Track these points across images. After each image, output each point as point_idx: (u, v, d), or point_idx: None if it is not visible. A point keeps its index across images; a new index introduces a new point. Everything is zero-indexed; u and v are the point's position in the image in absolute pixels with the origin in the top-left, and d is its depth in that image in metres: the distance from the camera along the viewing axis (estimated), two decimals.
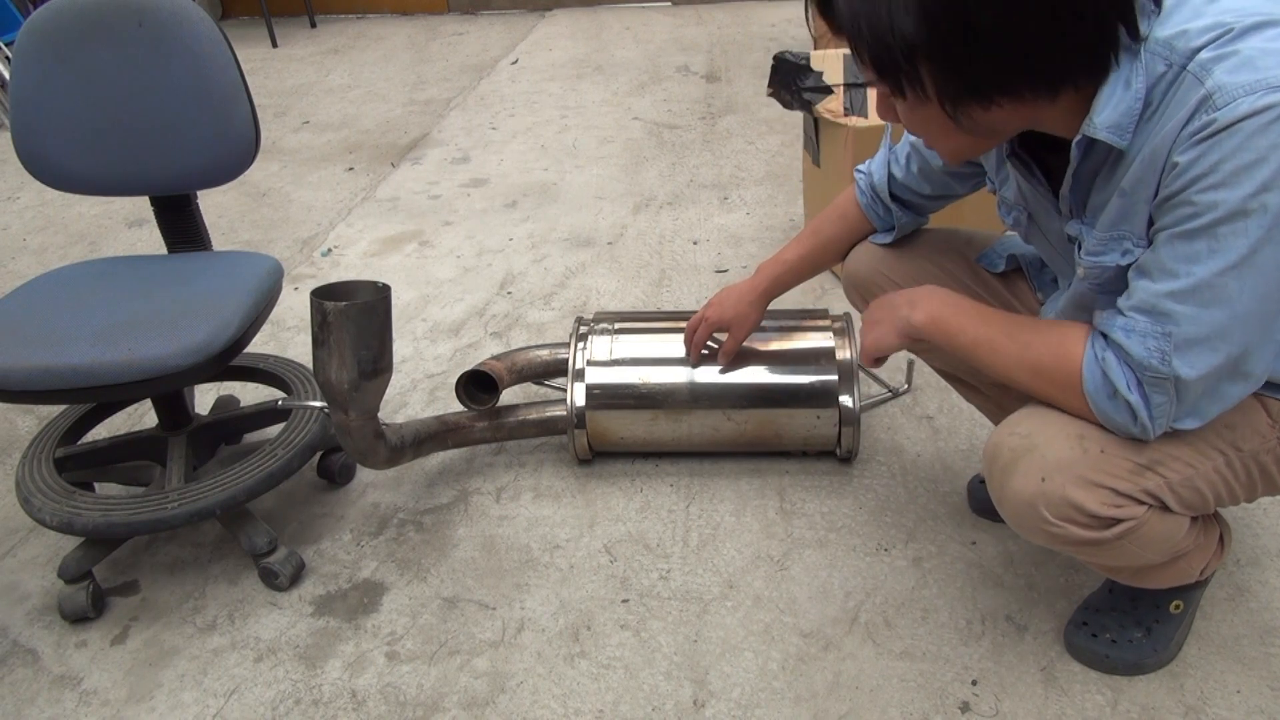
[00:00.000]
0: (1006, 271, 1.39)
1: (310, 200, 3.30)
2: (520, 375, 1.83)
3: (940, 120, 0.95)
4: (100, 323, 1.46)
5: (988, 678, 1.34)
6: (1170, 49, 0.89)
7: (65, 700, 1.43)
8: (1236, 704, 1.27)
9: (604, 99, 4.13)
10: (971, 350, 1.11)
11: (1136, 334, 0.95)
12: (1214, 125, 0.85)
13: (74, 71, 1.61)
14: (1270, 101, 0.83)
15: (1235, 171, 0.85)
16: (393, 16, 6.22)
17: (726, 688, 1.36)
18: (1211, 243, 0.88)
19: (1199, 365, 0.93)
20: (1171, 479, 1.04)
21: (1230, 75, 0.85)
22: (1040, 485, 1.04)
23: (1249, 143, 0.84)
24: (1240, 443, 1.06)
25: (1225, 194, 0.86)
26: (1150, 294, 0.93)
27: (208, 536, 1.74)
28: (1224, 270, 0.89)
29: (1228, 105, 0.84)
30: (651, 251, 2.70)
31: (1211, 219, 0.87)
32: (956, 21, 0.85)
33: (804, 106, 2.29)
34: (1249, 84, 0.84)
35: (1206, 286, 0.90)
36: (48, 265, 2.85)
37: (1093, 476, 1.02)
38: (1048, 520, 1.05)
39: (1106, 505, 1.02)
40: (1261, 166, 0.84)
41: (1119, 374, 0.97)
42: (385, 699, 1.39)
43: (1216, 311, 0.90)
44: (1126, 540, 1.06)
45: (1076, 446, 1.03)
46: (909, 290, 1.20)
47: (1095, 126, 0.93)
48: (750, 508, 1.69)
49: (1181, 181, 0.88)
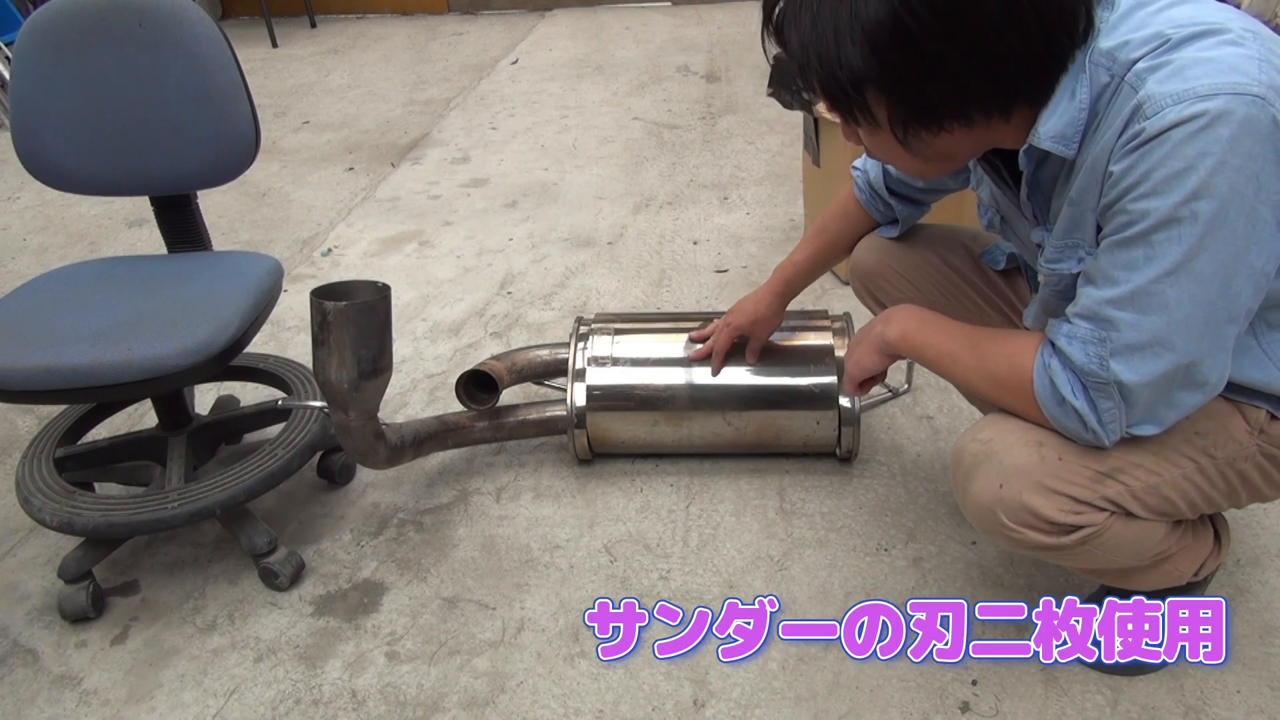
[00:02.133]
0: (1008, 268, 1.40)
1: (310, 200, 3.30)
2: (520, 375, 1.83)
3: (895, 146, 0.96)
4: (100, 323, 1.46)
5: (988, 678, 1.34)
6: (1113, 60, 0.90)
7: (65, 700, 1.43)
8: (1236, 704, 1.27)
9: (604, 99, 4.13)
10: (938, 363, 1.14)
11: (1078, 340, 0.96)
12: (1144, 134, 0.86)
13: (74, 71, 1.61)
14: (1197, 110, 0.83)
15: (1165, 179, 0.86)
16: (393, 16, 6.22)
17: (726, 688, 1.36)
18: (1147, 250, 0.89)
19: (1140, 371, 0.93)
20: (1133, 486, 1.04)
21: (1160, 85, 0.86)
22: (998, 491, 1.04)
23: (1177, 151, 0.84)
24: (1213, 450, 1.05)
25: (1157, 202, 0.87)
26: (1093, 300, 0.94)
27: (208, 536, 1.74)
28: (1160, 277, 0.89)
29: (1157, 114, 0.85)
30: (651, 251, 2.70)
31: (1146, 226, 0.88)
32: (903, 51, 0.85)
33: (804, 106, 2.29)
34: (1178, 93, 0.84)
35: (1144, 293, 0.90)
36: (48, 265, 2.85)
37: (1050, 483, 1.02)
38: (1006, 525, 1.05)
39: (1064, 512, 1.03)
40: (1190, 175, 0.84)
41: (1064, 380, 0.98)
42: (385, 699, 1.39)
43: (1155, 318, 0.91)
44: (1090, 546, 1.06)
45: (1035, 453, 1.03)
46: (887, 310, 1.24)
47: (1040, 136, 0.95)
48: (750, 508, 1.69)
49: (1117, 191, 0.90)
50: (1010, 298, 1.40)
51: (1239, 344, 0.99)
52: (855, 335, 1.32)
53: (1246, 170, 0.84)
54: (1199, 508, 1.10)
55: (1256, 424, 1.06)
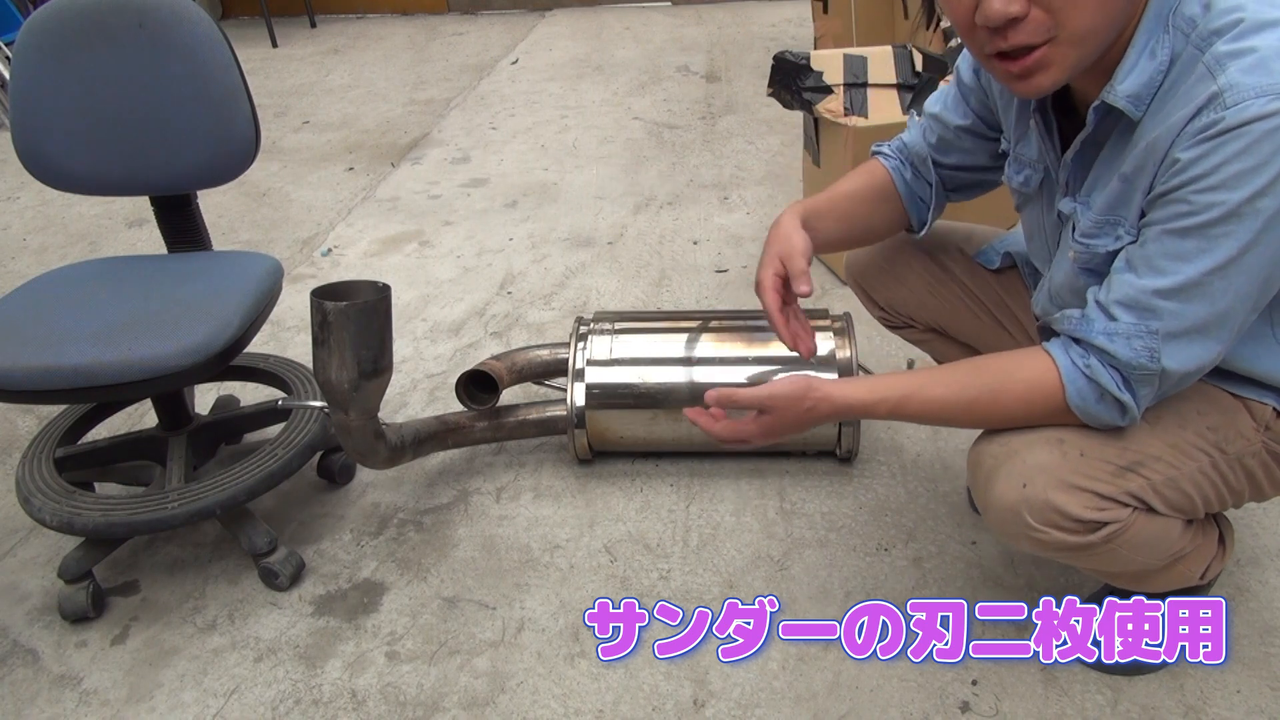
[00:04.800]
0: (1002, 269, 1.40)
1: (310, 200, 3.30)
2: (520, 375, 1.83)
3: None
4: (100, 323, 1.46)
5: (988, 678, 1.34)
6: (1193, 26, 0.89)
7: (65, 700, 1.43)
8: (1236, 704, 1.27)
9: (604, 99, 4.13)
10: (931, 421, 1.11)
11: (1121, 336, 0.95)
12: (1221, 124, 0.85)
13: (74, 71, 1.61)
14: (1278, 107, 0.82)
15: (1238, 175, 0.85)
16: (393, 16, 6.22)
17: (726, 688, 1.36)
18: (1203, 243, 0.89)
19: (1183, 359, 0.95)
20: (1154, 480, 1.04)
21: (1245, 75, 0.84)
22: (1022, 491, 1.04)
23: (1254, 147, 0.84)
24: (1225, 445, 1.06)
25: (1224, 195, 0.86)
26: (1136, 289, 0.94)
27: (208, 536, 1.74)
28: (1212, 270, 0.89)
29: (1237, 105, 0.84)
30: (651, 251, 2.70)
31: (1206, 219, 0.88)
32: None
33: (804, 106, 2.29)
34: (1261, 86, 0.83)
35: (1194, 285, 0.90)
36: (48, 265, 2.85)
37: (1074, 480, 1.02)
38: (1031, 526, 1.04)
39: (1089, 509, 1.02)
40: (1263, 171, 0.84)
41: (1108, 378, 0.98)
42: (385, 699, 1.39)
43: (1198, 307, 0.92)
44: (1115, 544, 1.05)
45: (1056, 450, 1.03)
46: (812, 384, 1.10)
47: (1116, 94, 0.93)
48: (750, 508, 1.69)
49: (1180, 179, 0.88)
50: (1002, 299, 1.40)
51: (1252, 331, 1.00)
52: (780, 397, 1.10)
53: None
54: (1211, 504, 1.10)
55: (1263, 420, 1.06)
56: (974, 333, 1.44)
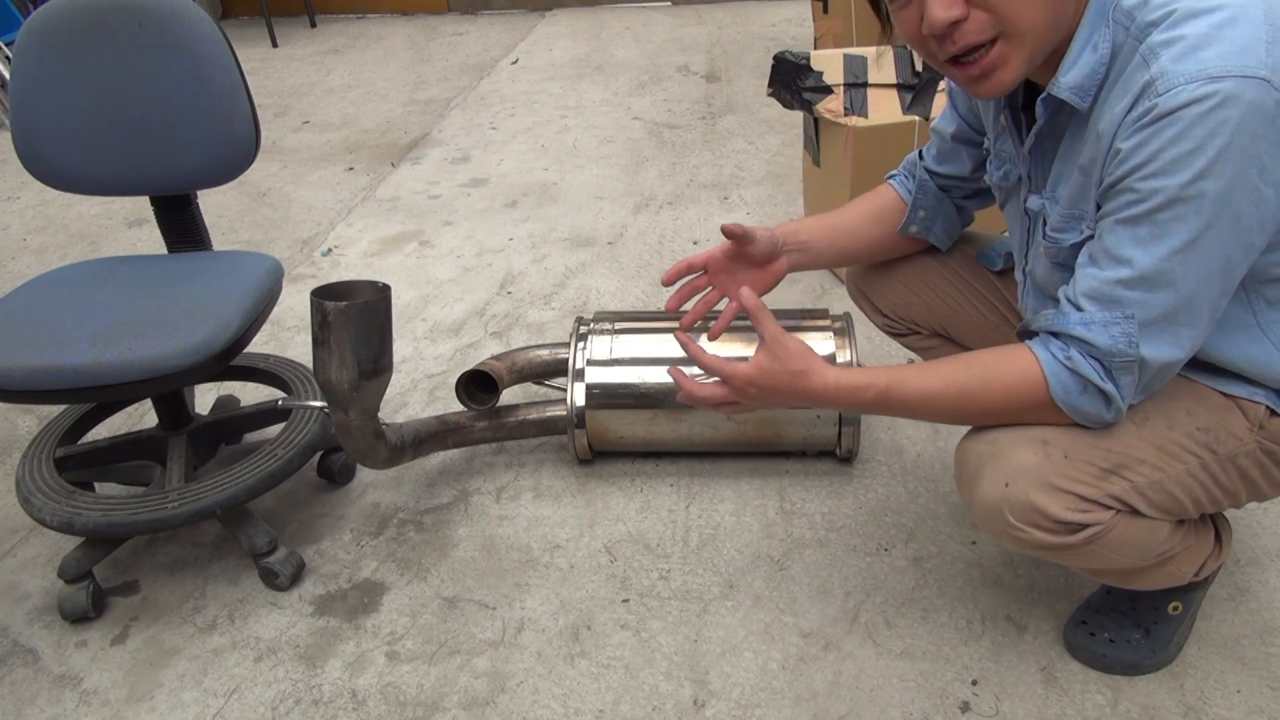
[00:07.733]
0: (1004, 270, 1.40)
1: (310, 200, 3.30)
2: (520, 375, 1.83)
3: None
4: (100, 323, 1.46)
5: (988, 677, 1.34)
6: (1130, 19, 0.91)
7: (65, 700, 1.43)
8: (1236, 704, 1.27)
9: (604, 99, 4.13)
10: (917, 416, 1.11)
11: (1098, 325, 0.96)
12: (1155, 111, 0.87)
13: (74, 71, 1.61)
14: (1208, 91, 0.84)
15: (1175, 160, 0.86)
16: (393, 16, 6.22)
17: (727, 688, 1.36)
18: (1154, 229, 0.90)
19: (1156, 346, 0.95)
20: (1138, 482, 1.04)
21: (1174, 63, 0.86)
22: (1004, 490, 1.04)
23: (1188, 131, 0.85)
24: (1215, 445, 1.05)
25: (1165, 181, 0.87)
26: (1100, 281, 0.95)
27: (208, 536, 1.74)
28: (1169, 255, 0.90)
29: (1168, 92, 0.86)
30: (652, 251, 2.70)
31: (1152, 205, 0.89)
32: None
33: (804, 106, 2.29)
34: (1190, 73, 0.85)
35: (1155, 272, 0.91)
36: (48, 265, 2.85)
37: (1056, 481, 1.02)
38: (1013, 525, 1.05)
39: (1071, 510, 1.02)
40: (1198, 155, 0.85)
41: (1089, 368, 0.98)
42: (385, 699, 1.39)
43: (1162, 295, 0.92)
44: (1096, 545, 1.05)
45: (1040, 451, 1.03)
46: (802, 368, 1.10)
47: (1060, 86, 0.95)
48: (750, 508, 1.69)
49: (1124, 169, 0.90)
50: (1006, 298, 1.40)
51: (1235, 320, 1.00)
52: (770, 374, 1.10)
53: (1251, 152, 0.85)
54: (1203, 505, 1.10)
55: (1256, 420, 1.06)
56: (980, 335, 1.44)
